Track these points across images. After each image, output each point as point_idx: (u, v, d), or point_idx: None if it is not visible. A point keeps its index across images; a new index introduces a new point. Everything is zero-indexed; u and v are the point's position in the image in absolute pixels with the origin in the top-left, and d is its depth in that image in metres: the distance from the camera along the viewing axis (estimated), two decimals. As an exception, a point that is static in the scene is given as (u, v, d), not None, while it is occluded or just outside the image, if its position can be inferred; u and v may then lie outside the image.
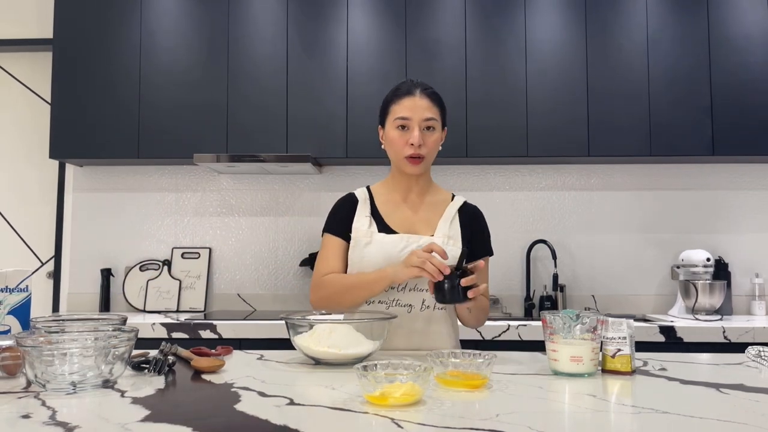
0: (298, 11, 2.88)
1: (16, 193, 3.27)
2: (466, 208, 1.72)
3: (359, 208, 1.67)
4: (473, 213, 1.73)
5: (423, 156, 1.61)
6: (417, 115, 1.60)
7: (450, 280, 1.41)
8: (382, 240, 1.61)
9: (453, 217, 1.68)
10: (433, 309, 1.60)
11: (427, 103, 1.62)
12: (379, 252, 1.59)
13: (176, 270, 3.09)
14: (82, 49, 2.91)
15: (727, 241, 3.04)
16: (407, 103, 1.62)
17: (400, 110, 1.62)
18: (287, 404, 1.02)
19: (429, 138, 1.62)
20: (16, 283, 1.38)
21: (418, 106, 1.61)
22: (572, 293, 3.03)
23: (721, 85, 2.79)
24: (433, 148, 1.64)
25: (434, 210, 1.69)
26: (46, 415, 0.94)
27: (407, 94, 1.63)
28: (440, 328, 1.61)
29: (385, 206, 1.68)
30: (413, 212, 1.68)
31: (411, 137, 1.60)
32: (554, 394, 1.11)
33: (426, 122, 1.61)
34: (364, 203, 1.68)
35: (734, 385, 1.17)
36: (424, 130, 1.61)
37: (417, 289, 1.58)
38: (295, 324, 1.39)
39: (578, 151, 2.82)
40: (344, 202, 1.71)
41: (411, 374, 1.03)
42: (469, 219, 1.70)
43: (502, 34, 2.85)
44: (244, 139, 2.85)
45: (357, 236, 1.63)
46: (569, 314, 1.26)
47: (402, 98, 1.63)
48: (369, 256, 1.59)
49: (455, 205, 1.70)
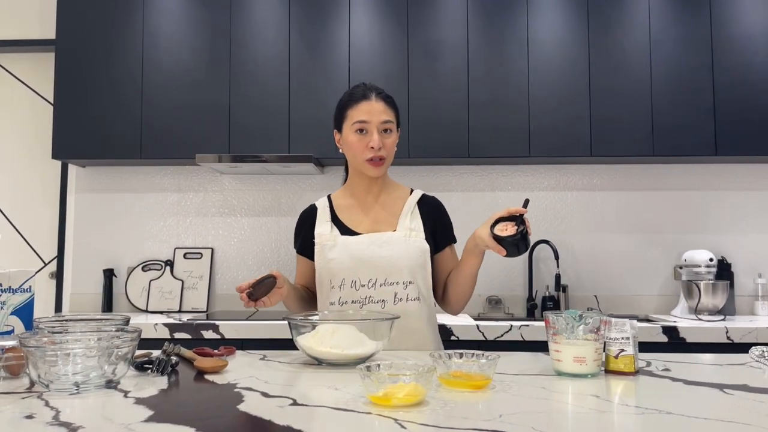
0: (301, 12, 2.89)
1: (19, 193, 3.28)
2: (424, 200, 1.74)
3: (319, 215, 1.72)
4: (433, 204, 1.74)
5: (384, 158, 1.64)
6: (375, 118, 1.63)
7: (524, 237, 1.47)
8: (345, 242, 1.65)
9: (413, 210, 1.70)
10: (407, 301, 1.61)
11: (383, 106, 1.65)
12: (345, 253, 1.63)
13: (178, 270, 3.09)
14: (85, 49, 2.92)
15: (729, 241, 3.03)
16: (364, 107, 1.64)
17: (358, 114, 1.64)
18: (290, 404, 1.02)
19: (387, 140, 1.65)
20: (19, 284, 1.38)
21: (375, 110, 1.63)
22: (575, 293, 3.03)
23: (723, 85, 2.79)
24: (392, 150, 1.67)
25: (393, 206, 1.71)
26: (49, 415, 0.94)
27: (363, 98, 1.65)
28: (417, 324, 1.62)
29: (345, 210, 1.72)
30: (374, 211, 1.71)
31: (371, 141, 1.62)
32: (558, 395, 1.10)
33: (384, 125, 1.64)
34: (324, 210, 1.72)
35: (738, 386, 1.16)
36: (382, 133, 1.63)
37: (387, 284, 1.61)
38: (297, 324, 1.39)
39: (581, 151, 2.81)
40: (305, 216, 1.77)
41: (414, 374, 1.03)
42: (429, 211, 1.72)
43: (504, 35, 2.85)
44: (246, 139, 2.86)
45: (320, 241, 1.67)
46: (572, 314, 1.25)
47: (359, 102, 1.65)
48: (335, 259, 1.63)
49: (414, 199, 1.72)
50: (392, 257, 1.61)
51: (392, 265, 1.61)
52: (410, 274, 1.61)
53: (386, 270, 1.61)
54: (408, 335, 1.59)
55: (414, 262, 1.62)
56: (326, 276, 1.64)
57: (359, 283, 1.61)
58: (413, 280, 1.62)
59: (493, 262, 3.05)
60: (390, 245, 1.62)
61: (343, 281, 1.62)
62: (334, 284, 1.63)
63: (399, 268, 1.61)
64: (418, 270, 1.63)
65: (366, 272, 1.61)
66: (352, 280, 1.61)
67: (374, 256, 1.61)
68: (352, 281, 1.61)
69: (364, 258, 1.61)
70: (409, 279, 1.61)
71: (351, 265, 1.61)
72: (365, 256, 1.61)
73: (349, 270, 1.61)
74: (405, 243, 1.63)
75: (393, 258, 1.61)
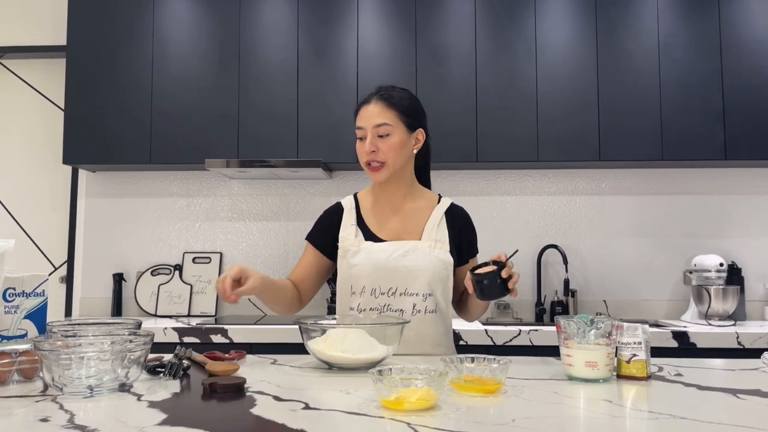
0: (309, 18, 2.90)
1: (30, 198, 3.30)
2: (453, 210, 1.71)
3: (345, 217, 1.69)
4: (462, 216, 1.72)
5: (381, 161, 1.60)
6: (368, 122, 1.60)
7: (490, 277, 1.43)
8: (369, 248, 1.62)
9: (440, 220, 1.67)
10: (425, 313, 1.60)
11: (380, 108, 1.60)
12: (368, 260, 1.60)
13: (187, 275, 3.11)
14: (96, 56, 2.94)
15: (739, 246, 3.01)
16: (362, 113, 1.64)
17: (357, 121, 1.64)
18: (303, 408, 1.02)
19: (384, 143, 1.59)
20: (33, 288, 1.39)
21: (370, 114, 1.61)
22: (584, 298, 3.02)
23: (732, 90, 2.78)
24: (392, 152, 1.60)
25: (420, 214, 1.68)
26: (64, 418, 0.95)
27: (364, 103, 1.64)
28: (432, 331, 1.61)
29: (370, 214, 1.69)
30: (399, 218, 1.68)
31: (366, 145, 1.61)
32: (570, 400, 1.10)
33: (377, 129, 1.59)
34: (350, 212, 1.69)
35: (751, 391, 1.16)
36: (377, 137, 1.60)
37: (407, 294, 1.59)
38: (308, 328, 1.39)
39: (589, 156, 2.81)
40: (331, 213, 1.73)
41: (426, 379, 1.03)
42: (457, 222, 1.69)
43: (512, 40, 2.85)
44: (255, 144, 2.87)
45: (344, 246, 1.64)
46: (584, 319, 1.25)
47: (360, 108, 1.65)
48: (358, 265, 1.60)
49: (441, 208, 1.69)
50: (415, 268, 1.59)
51: (414, 276, 1.59)
52: (430, 286, 1.60)
53: (407, 280, 1.59)
54: (421, 341, 1.59)
55: (436, 275, 1.60)
56: (348, 281, 1.63)
57: (379, 291, 1.60)
58: (432, 293, 1.60)
59: (501, 266, 3.04)
60: (413, 255, 1.60)
61: (363, 288, 1.60)
62: (355, 290, 1.61)
63: (420, 279, 1.59)
64: (439, 283, 1.61)
65: (387, 281, 1.59)
66: (372, 287, 1.60)
67: (397, 265, 1.59)
68: (373, 289, 1.60)
69: (387, 267, 1.59)
70: (428, 291, 1.60)
71: (373, 273, 1.59)
72: (388, 265, 1.59)
73: (371, 277, 1.60)
74: (429, 254, 1.61)
75: (415, 269, 1.59)
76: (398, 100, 1.62)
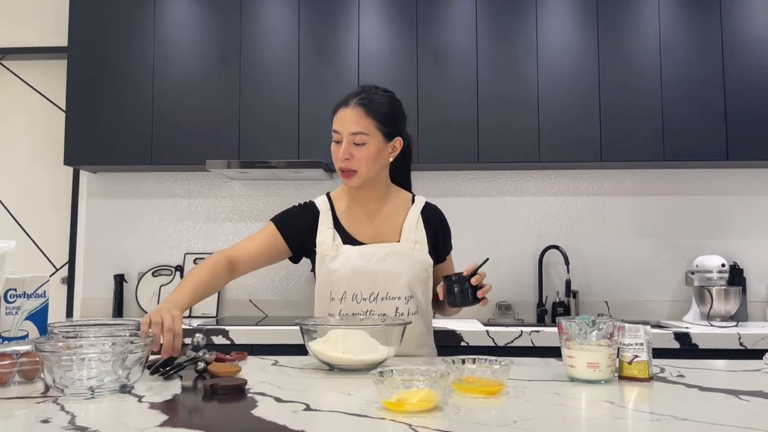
0: (310, 18, 2.90)
1: (31, 199, 3.30)
2: (428, 209, 1.70)
3: (321, 219, 1.64)
4: (437, 215, 1.72)
5: (354, 169, 1.56)
6: (345, 128, 1.55)
7: (460, 284, 1.46)
8: (348, 252, 1.59)
9: (417, 220, 1.66)
10: (408, 315, 1.59)
11: (357, 115, 1.54)
12: (347, 265, 1.58)
13: (189, 276, 3.10)
14: (97, 57, 2.94)
15: (741, 246, 3.01)
16: (339, 115, 1.57)
17: (334, 123, 1.58)
18: (304, 410, 1.02)
19: (359, 152, 1.55)
20: (34, 289, 1.39)
21: (347, 119, 1.55)
22: (585, 299, 3.02)
23: (734, 90, 2.78)
24: (366, 162, 1.56)
25: (396, 215, 1.67)
26: (65, 419, 0.95)
27: (342, 105, 1.58)
28: (415, 332, 1.60)
29: (346, 216, 1.66)
30: (376, 220, 1.66)
31: (340, 151, 1.56)
32: (571, 401, 1.10)
33: (353, 136, 1.54)
34: (326, 214, 1.65)
35: (754, 392, 1.15)
36: (352, 145, 1.55)
37: (389, 298, 1.58)
38: (309, 329, 1.39)
39: (591, 156, 2.81)
40: (305, 213, 1.67)
41: (427, 380, 1.02)
42: (432, 221, 1.69)
43: (513, 40, 2.85)
44: (256, 145, 2.87)
45: (322, 251, 1.60)
46: (585, 320, 1.25)
47: (338, 109, 1.59)
48: (337, 270, 1.58)
49: (417, 208, 1.68)
50: (396, 271, 1.58)
51: (394, 280, 1.58)
52: (411, 288, 1.59)
53: (388, 284, 1.58)
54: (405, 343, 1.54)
55: (416, 276, 1.60)
56: (327, 287, 1.60)
57: (360, 297, 1.58)
58: (413, 295, 1.60)
59: (503, 268, 3.04)
60: (393, 258, 1.59)
61: (344, 294, 1.58)
62: (334, 296, 1.59)
63: (401, 282, 1.58)
64: (420, 284, 1.61)
65: (368, 286, 1.58)
66: (353, 293, 1.58)
67: (378, 269, 1.57)
68: (354, 294, 1.58)
69: (367, 271, 1.57)
70: (409, 294, 1.59)
71: (352, 278, 1.57)
72: (368, 269, 1.57)
73: (351, 283, 1.58)
74: (409, 256, 1.60)
75: (396, 272, 1.58)
76: (377, 107, 1.56)
